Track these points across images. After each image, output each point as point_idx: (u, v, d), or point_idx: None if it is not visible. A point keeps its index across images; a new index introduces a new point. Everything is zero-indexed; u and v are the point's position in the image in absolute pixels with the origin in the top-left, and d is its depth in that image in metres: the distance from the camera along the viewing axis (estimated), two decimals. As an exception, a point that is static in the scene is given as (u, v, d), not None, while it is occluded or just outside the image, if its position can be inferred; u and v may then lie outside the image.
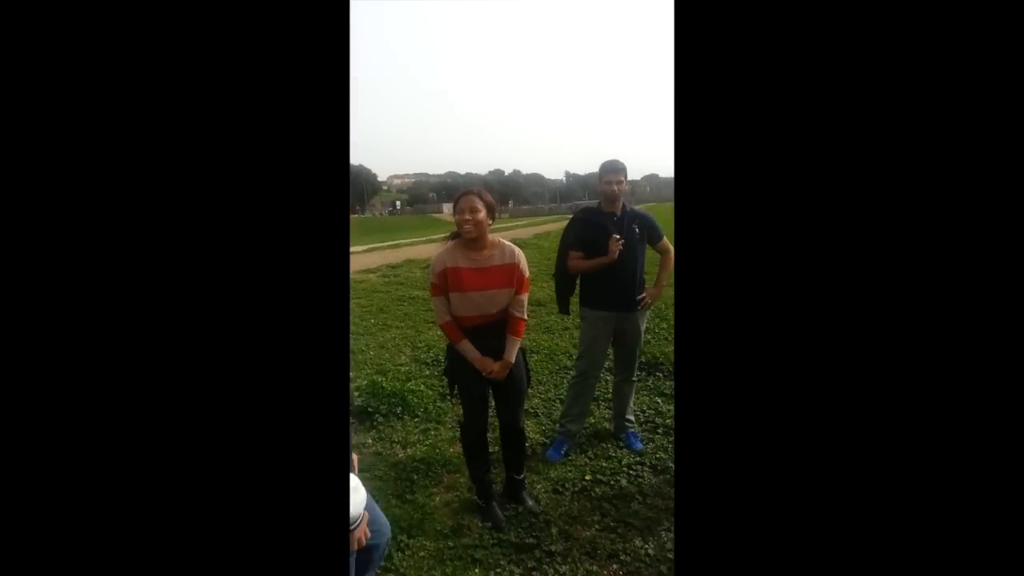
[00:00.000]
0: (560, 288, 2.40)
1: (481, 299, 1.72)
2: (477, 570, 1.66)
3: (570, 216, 2.50)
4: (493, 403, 1.92)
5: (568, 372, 3.35)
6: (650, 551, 1.71)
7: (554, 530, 1.83)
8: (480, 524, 1.87)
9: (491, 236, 1.75)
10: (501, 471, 2.08)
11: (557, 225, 20.66)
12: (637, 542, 1.76)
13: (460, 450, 2.15)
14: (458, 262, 1.71)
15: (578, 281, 2.35)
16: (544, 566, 1.67)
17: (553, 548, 1.74)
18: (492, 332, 1.78)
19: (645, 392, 2.99)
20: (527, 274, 1.79)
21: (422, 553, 1.73)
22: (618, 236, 2.15)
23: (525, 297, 1.81)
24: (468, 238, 1.69)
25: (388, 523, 1.39)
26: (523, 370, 1.90)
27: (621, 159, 2.23)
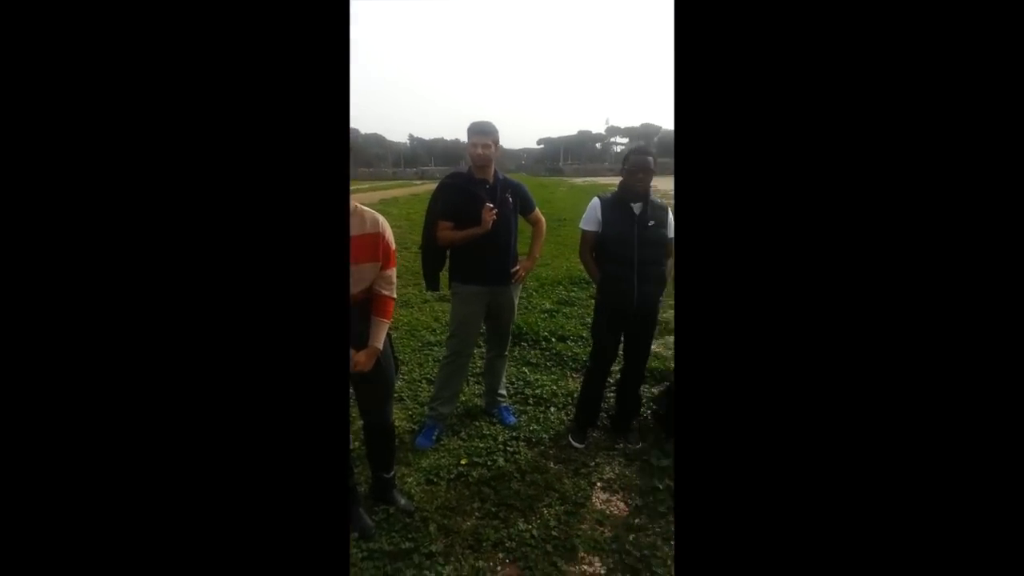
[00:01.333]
0: (427, 262, 2.17)
1: None
2: (347, 594, 1.43)
3: (416, 182, 2.27)
4: (353, 395, 1.65)
5: (433, 348, 3.16)
6: (534, 532, 1.67)
7: (432, 527, 1.67)
8: (346, 537, 1.62)
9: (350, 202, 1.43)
10: (365, 470, 1.84)
11: (404, 191, 19.85)
12: (520, 524, 1.70)
13: (316, 453, 1.84)
14: None
15: (447, 254, 2.15)
16: (425, 571, 1.51)
17: (433, 548, 1.59)
18: (354, 316, 1.49)
19: (512, 363, 2.97)
20: (394, 245, 1.53)
21: (275, 588, 1.42)
22: (491, 205, 2.00)
23: (393, 272, 1.55)
24: None
25: None
26: (390, 358, 1.66)
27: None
